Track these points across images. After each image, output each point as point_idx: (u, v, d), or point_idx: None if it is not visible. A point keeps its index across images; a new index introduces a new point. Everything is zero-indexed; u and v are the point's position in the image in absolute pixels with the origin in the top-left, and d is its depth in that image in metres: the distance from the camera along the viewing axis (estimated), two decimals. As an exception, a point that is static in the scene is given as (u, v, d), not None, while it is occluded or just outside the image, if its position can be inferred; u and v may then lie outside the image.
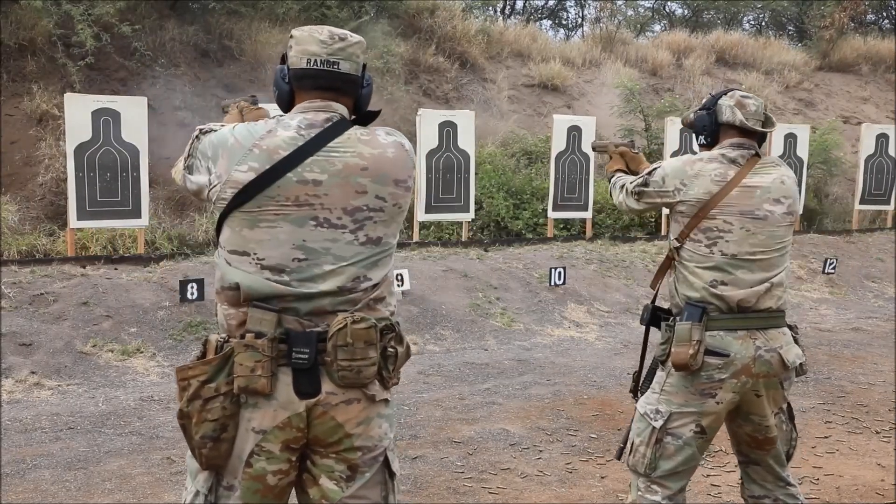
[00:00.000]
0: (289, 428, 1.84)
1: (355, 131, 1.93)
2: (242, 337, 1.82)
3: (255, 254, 1.85)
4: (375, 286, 1.92)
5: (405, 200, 1.98)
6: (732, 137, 2.65)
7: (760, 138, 2.68)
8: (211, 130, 1.97)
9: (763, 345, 2.51)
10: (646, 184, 2.71)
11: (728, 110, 2.63)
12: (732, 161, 2.58)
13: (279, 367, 1.82)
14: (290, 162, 1.85)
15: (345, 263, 1.87)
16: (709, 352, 2.49)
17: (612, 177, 2.97)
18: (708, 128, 2.68)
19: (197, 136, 1.98)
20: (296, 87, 1.96)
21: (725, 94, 2.67)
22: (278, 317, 1.83)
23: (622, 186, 2.84)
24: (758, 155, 2.64)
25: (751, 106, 2.63)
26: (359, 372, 1.83)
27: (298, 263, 1.85)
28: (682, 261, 2.59)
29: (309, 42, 1.94)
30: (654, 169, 2.70)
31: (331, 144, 1.88)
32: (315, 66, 1.92)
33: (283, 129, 1.89)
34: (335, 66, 1.93)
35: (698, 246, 2.55)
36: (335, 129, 1.90)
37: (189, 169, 1.99)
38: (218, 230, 1.93)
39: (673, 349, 2.49)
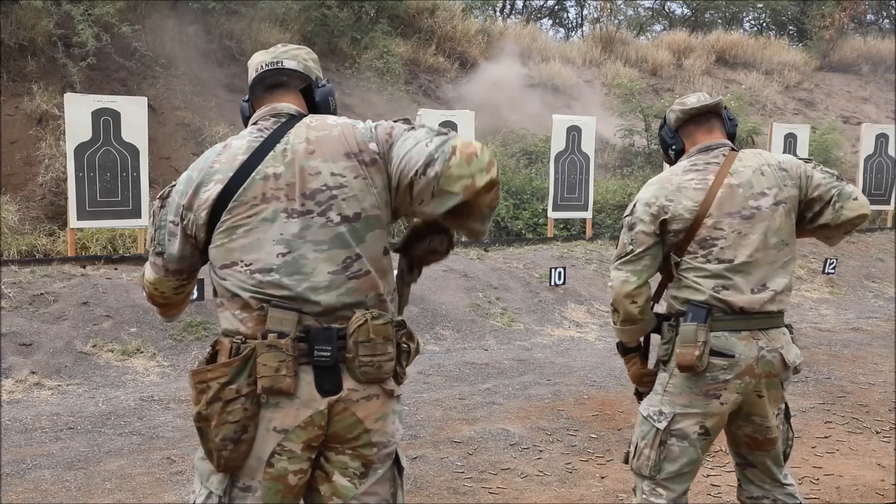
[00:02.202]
0: (311, 426, 1.84)
1: (306, 120, 1.97)
2: (264, 337, 1.81)
3: (242, 261, 1.86)
4: (379, 277, 1.90)
5: (369, 172, 1.88)
6: (695, 135, 2.65)
7: (727, 130, 2.67)
8: (171, 188, 1.98)
9: (766, 345, 2.50)
10: (631, 227, 2.56)
11: (673, 113, 2.70)
12: (707, 165, 2.57)
13: (300, 365, 1.83)
14: (250, 163, 1.89)
15: (326, 247, 1.86)
16: (714, 353, 2.48)
17: None
18: (668, 137, 2.72)
19: (161, 206, 1.98)
20: (253, 99, 2.08)
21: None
22: (299, 316, 1.83)
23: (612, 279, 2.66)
24: (734, 150, 2.61)
25: (690, 98, 2.69)
26: (379, 367, 1.86)
27: (283, 258, 1.85)
28: (682, 272, 2.56)
29: (257, 56, 2.12)
30: (632, 208, 2.60)
31: (283, 139, 1.93)
32: (261, 70, 2.07)
33: (237, 139, 1.96)
34: (278, 64, 2.06)
35: (694, 258, 2.52)
36: (287, 125, 1.95)
37: (161, 245, 1.97)
38: (206, 259, 1.95)
39: (678, 350, 2.48)
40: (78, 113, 6.84)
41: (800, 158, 2.66)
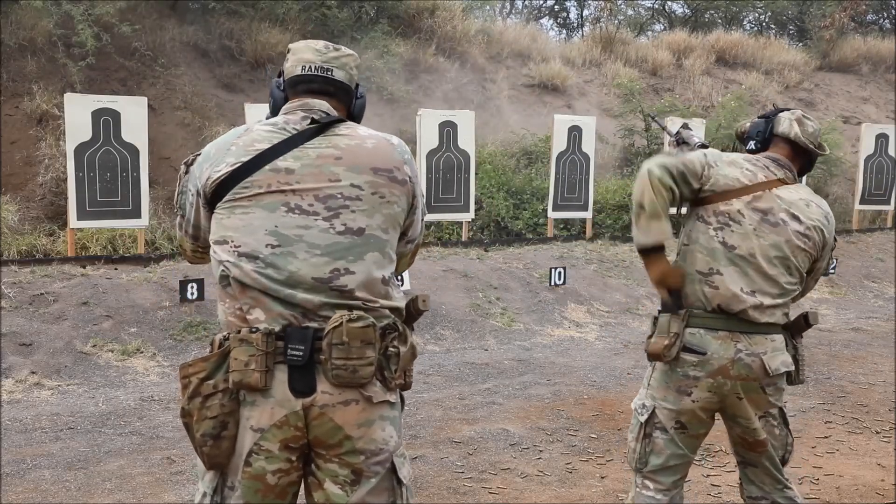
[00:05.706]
0: (287, 426, 1.82)
1: (339, 129, 1.96)
2: (238, 331, 1.82)
3: (232, 241, 1.86)
4: (373, 282, 1.89)
5: (390, 191, 1.94)
6: (781, 151, 2.63)
7: (804, 165, 2.66)
8: (196, 156, 2.01)
9: (744, 348, 2.47)
10: (689, 151, 2.69)
11: (786, 122, 2.63)
12: (766, 167, 2.56)
13: (276, 363, 1.81)
14: (268, 154, 1.89)
15: (319, 252, 1.85)
16: (686, 349, 2.49)
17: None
18: (762, 134, 2.66)
19: (185, 171, 2.02)
20: (290, 93, 2.02)
21: (788, 109, 2.70)
22: (278, 311, 1.83)
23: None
24: (790, 182, 2.59)
25: (809, 126, 2.64)
26: (354, 371, 1.81)
27: (272, 250, 1.84)
28: (685, 238, 2.56)
29: (305, 51, 2.02)
30: (704, 150, 2.64)
31: (313, 140, 1.92)
32: (309, 72, 2.00)
33: (261, 126, 1.95)
34: (329, 73, 2.00)
35: (707, 227, 2.51)
36: (318, 130, 1.93)
37: (182, 209, 2.03)
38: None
39: (652, 339, 2.52)
40: (78, 113, 6.84)
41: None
